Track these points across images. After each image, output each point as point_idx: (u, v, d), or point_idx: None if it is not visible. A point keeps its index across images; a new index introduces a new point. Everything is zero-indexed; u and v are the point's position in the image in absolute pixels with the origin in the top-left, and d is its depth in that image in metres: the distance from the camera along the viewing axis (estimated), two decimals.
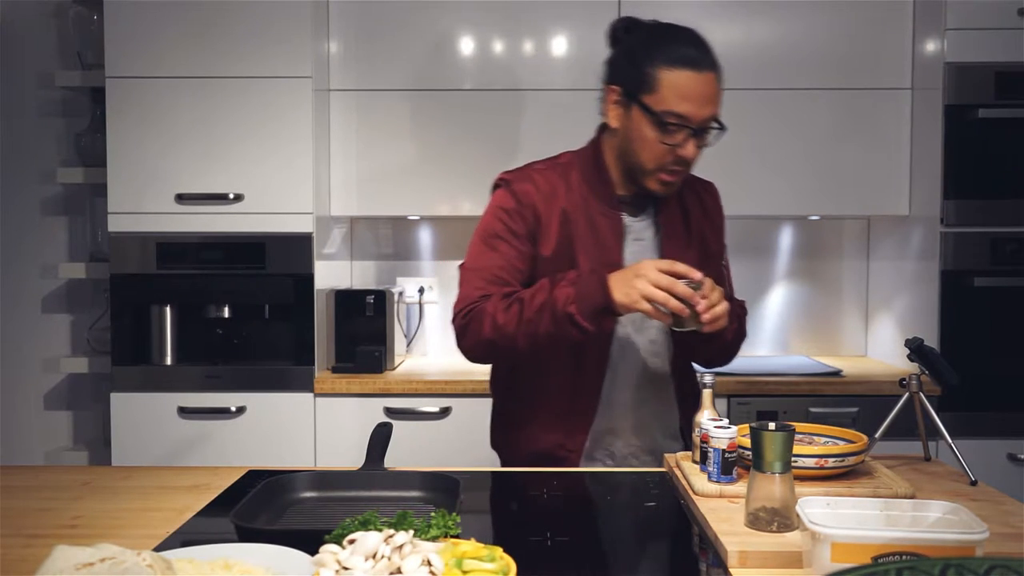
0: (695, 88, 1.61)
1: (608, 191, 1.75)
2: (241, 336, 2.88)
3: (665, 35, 1.68)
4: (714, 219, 1.86)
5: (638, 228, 1.77)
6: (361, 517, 1.19)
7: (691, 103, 1.61)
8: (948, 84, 2.72)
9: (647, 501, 1.57)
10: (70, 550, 1.01)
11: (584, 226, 1.72)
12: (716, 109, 1.65)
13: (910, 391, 1.74)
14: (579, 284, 1.59)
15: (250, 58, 2.75)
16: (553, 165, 1.79)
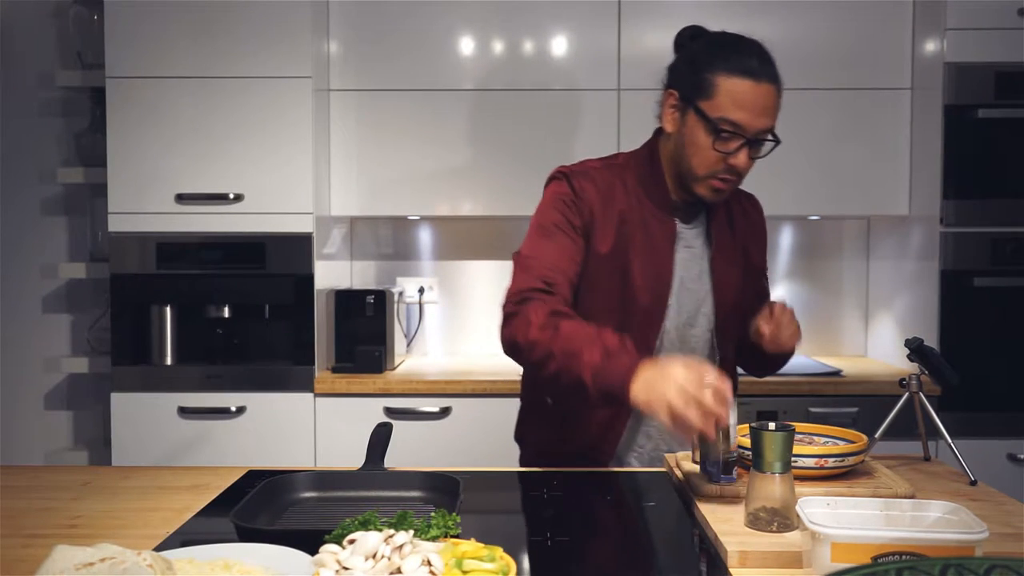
0: (752, 98, 1.59)
1: (662, 195, 1.73)
2: (241, 336, 2.88)
3: (728, 44, 1.67)
4: (757, 233, 1.86)
5: (689, 235, 1.75)
6: (361, 517, 1.19)
7: (747, 112, 1.60)
8: (948, 84, 2.72)
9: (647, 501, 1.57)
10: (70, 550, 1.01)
11: (639, 229, 1.70)
12: (772, 121, 1.63)
13: (910, 391, 1.74)
14: (609, 360, 1.46)
15: (250, 58, 2.75)
16: (609, 165, 1.77)
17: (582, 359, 1.49)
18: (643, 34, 2.93)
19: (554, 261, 1.67)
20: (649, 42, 2.94)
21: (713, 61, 1.63)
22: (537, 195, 3.08)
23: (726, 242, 1.77)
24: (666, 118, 1.72)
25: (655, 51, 2.95)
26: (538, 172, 2.97)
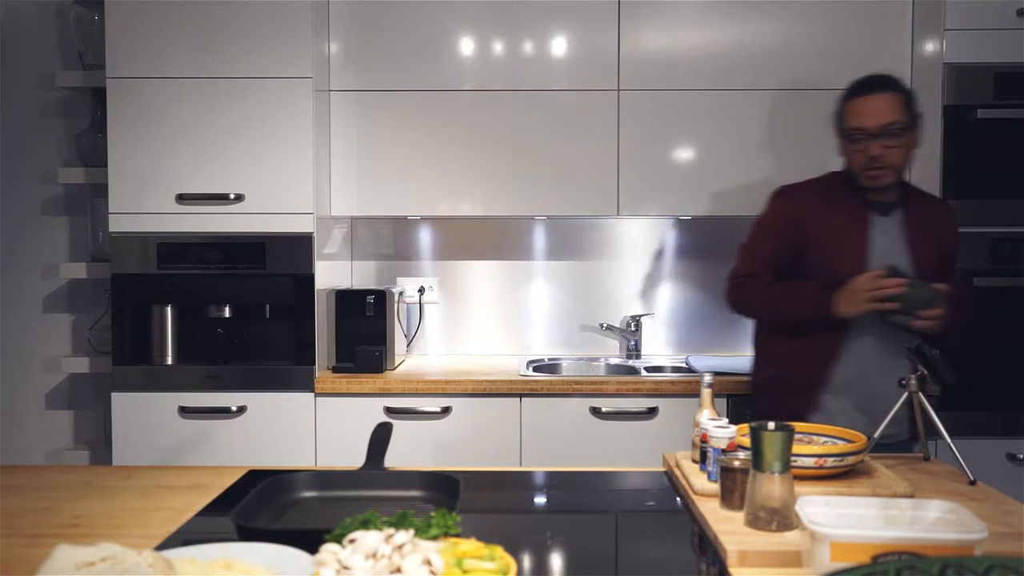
0: (864, 107, 2.17)
1: (856, 196, 2.23)
2: (242, 336, 2.88)
3: (853, 84, 2.25)
4: (947, 227, 2.27)
5: (886, 223, 2.21)
6: (361, 517, 1.19)
7: (863, 117, 2.16)
8: (947, 84, 2.72)
9: (647, 501, 1.57)
10: (71, 550, 1.02)
11: (836, 223, 2.21)
12: (892, 118, 2.13)
13: (909, 391, 1.74)
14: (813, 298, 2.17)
15: (250, 58, 2.75)
16: (816, 182, 2.34)
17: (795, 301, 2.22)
18: (643, 34, 2.94)
19: (762, 254, 2.31)
20: (649, 42, 2.94)
21: (844, 97, 2.25)
22: (537, 195, 3.08)
23: (922, 230, 2.21)
24: (839, 150, 2.29)
25: (655, 51, 2.95)
26: (538, 172, 3.00)
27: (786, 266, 2.28)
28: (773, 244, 2.30)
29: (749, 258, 2.34)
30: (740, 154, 2.94)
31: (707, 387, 1.63)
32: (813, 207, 2.27)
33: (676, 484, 1.59)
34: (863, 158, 2.17)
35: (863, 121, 2.17)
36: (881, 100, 2.18)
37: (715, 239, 3.24)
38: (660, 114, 2.94)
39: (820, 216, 2.24)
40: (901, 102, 2.18)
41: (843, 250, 2.19)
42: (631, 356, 3.19)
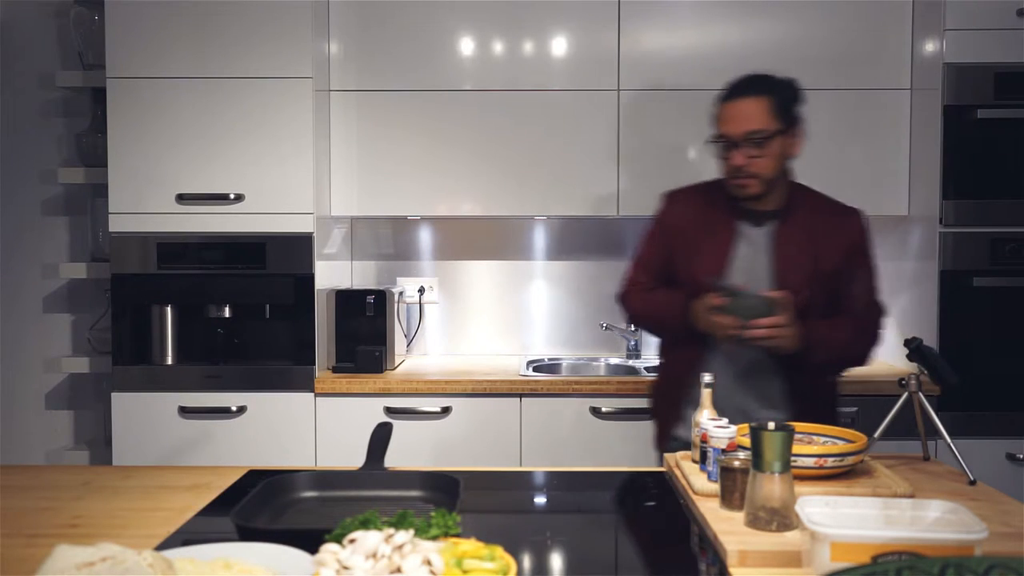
0: (729, 112, 2.06)
1: (732, 204, 2.13)
2: (241, 336, 2.88)
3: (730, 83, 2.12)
4: (837, 241, 2.09)
5: (754, 235, 2.10)
6: (361, 517, 1.19)
7: (728, 124, 2.05)
8: (947, 84, 2.72)
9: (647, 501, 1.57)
10: (71, 550, 1.02)
11: (707, 230, 2.14)
12: (755, 125, 2.02)
13: (909, 391, 1.74)
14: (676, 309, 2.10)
15: (250, 58, 2.75)
16: (702, 187, 2.25)
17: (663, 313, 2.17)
18: (643, 34, 2.94)
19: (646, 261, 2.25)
20: (649, 42, 2.94)
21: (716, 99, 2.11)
22: (537, 195, 3.09)
23: (793, 242, 2.09)
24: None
25: (655, 51, 2.95)
26: (538, 172, 2.99)
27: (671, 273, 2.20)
28: (655, 250, 2.23)
29: (636, 265, 2.28)
30: None
31: (707, 387, 1.63)
32: (689, 213, 2.19)
33: (676, 484, 1.59)
34: (728, 167, 2.08)
35: (726, 127, 2.06)
36: (746, 105, 2.06)
37: None
38: (660, 114, 2.94)
39: (692, 223, 2.16)
40: (768, 107, 2.05)
41: (705, 260, 2.10)
42: (631, 356, 3.19)
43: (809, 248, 2.07)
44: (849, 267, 2.10)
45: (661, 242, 2.22)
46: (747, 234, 2.12)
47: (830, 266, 2.07)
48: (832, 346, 2.00)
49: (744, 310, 1.91)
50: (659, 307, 2.17)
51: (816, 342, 1.96)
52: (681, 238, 2.17)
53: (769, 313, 1.90)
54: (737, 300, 1.91)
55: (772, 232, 2.10)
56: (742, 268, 2.08)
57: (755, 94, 2.07)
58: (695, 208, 2.20)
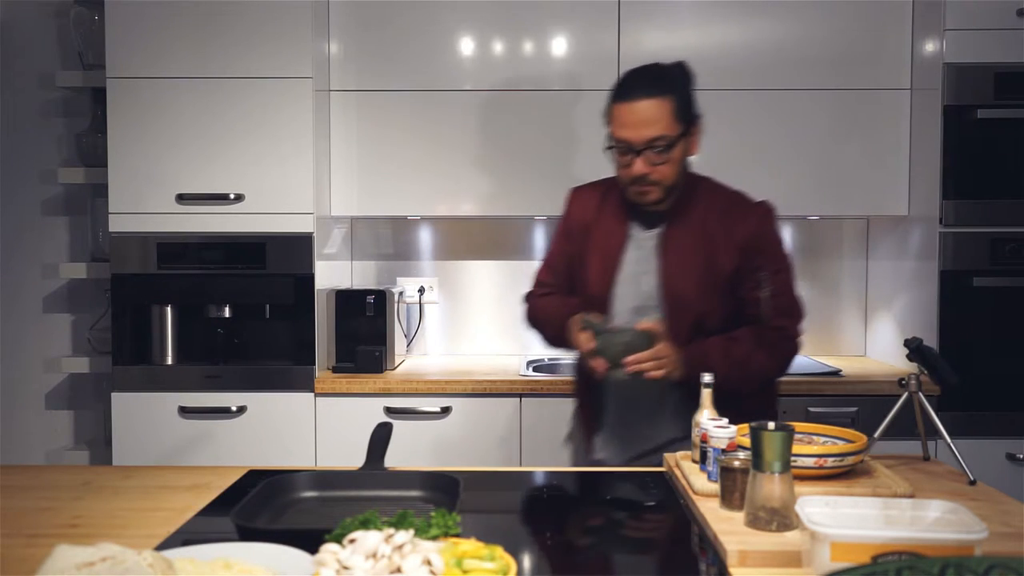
0: (627, 116, 1.87)
1: (626, 203, 2.00)
2: (241, 336, 2.88)
3: (623, 77, 1.94)
4: (735, 239, 1.93)
5: (643, 238, 1.97)
6: (361, 517, 1.19)
7: (627, 129, 1.87)
8: (947, 84, 2.72)
9: (647, 501, 1.57)
10: (71, 550, 1.02)
11: (600, 231, 2.02)
12: (658, 131, 1.85)
13: (909, 391, 1.74)
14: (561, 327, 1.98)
15: (250, 58, 2.75)
16: (602, 182, 2.11)
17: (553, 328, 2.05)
18: (643, 34, 2.94)
19: (553, 261, 2.14)
20: (649, 42, 2.94)
21: (610, 96, 1.92)
22: (537, 195, 3.09)
23: (684, 245, 1.94)
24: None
25: (655, 51, 2.95)
26: (538, 172, 2.99)
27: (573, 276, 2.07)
28: (559, 250, 2.11)
29: (543, 265, 2.16)
30: (740, 154, 2.94)
31: (707, 387, 1.63)
32: (587, 213, 2.05)
33: (676, 484, 1.59)
34: (626, 174, 1.90)
35: (625, 133, 1.87)
36: (647, 108, 1.85)
37: None
38: None
39: (588, 224, 2.03)
40: (671, 109, 1.86)
41: (593, 268, 1.98)
42: None
43: (703, 249, 1.92)
44: (748, 267, 1.91)
45: (564, 242, 2.10)
46: (637, 238, 1.98)
47: (727, 267, 1.90)
48: (731, 363, 1.84)
49: (612, 349, 1.78)
50: (546, 323, 2.07)
51: (710, 362, 1.78)
52: (578, 240, 2.04)
53: (644, 346, 1.77)
54: (604, 340, 1.79)
55: (662, 235, 1.95)
56: (629, 275, 1.96)
57: (656, 94, 1.86)
58: (592, 207, 2.05)
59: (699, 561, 1.29)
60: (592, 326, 1.81)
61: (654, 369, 1.78)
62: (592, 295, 1.98)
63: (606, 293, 1.97)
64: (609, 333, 1.80)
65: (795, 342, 1.94)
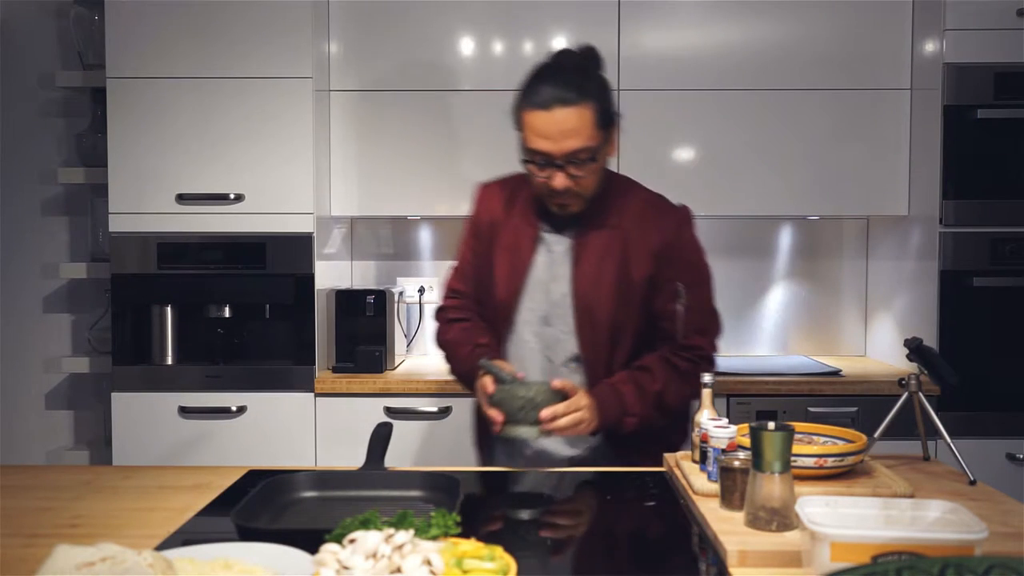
0: (548, 127, 1.71)
1: (537, 204, 1.88)
2: (241, 336, 2.88)
3: (534, 76, 1.79)
4: (650, 246, 1.82)
5: (553, 242, 1.86)
6: (361, 517, 1.19)
7: (547, 141, 1.71)
8: (947, 84, 2.72)
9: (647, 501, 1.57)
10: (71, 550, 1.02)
11: (508, 232, 1.89)
12: (581, 142, 1.72)
13: (909, 391, 1.74)
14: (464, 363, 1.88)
15: (250, 58, 2.75)
16: (510, 178, 1.98)
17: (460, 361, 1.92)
18: (643, 34, 2.94)
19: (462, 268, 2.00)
20: (649, 42, 2.94)
21: (521, 96, 1.77)
22: None
23: (596, 250, 1.82)
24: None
25: (655, 51, 2.95)
26: None
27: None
28: (467, 254, 1.96)
29: (454, 271, 2.00)
30: (740, 154, 2.94)
31: (707, 387, 1.63)
32: (495, 210, 1.91)
33: (676, 484, 1.59)
34: (545, 186, 1.76)
35: (543, 144, 1.71)
36: (567, 118, 1.70)
37: (715, 239, 3.24)
38: (660, 114, 2.94)
39: (496, 223, 1.90)
40: (592, 118, 1.72)
41: (502, 270, 1.85)
42: None
43: (617, 256, 1.81)
44: (662, 277, 1.81)
45: (472, 244, 1.96)
46: (547, 241, 1.86)
47: (640, 274, 1.80)
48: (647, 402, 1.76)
49: (513, 402, 1.64)
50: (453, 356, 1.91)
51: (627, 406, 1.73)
52: (485, 240, 1.91)
53: (549, 402, 1.65)
54: (504, 392, 1.64)
55: (574, 240, 1.83)
56: (538, 282, 1.85)
57: (576, 101, 1.71)
58: (499, 205, 1.91)
59: (699, 561, 1.29)
60: (496, 374, 1.67)
61: (570, 425, 1.67)
62: (497, 302, 1.86)
63: (512, 300, 1.85)
64: (512, 385, 1.65)
65: (710, 360, 1.84)
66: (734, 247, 3.26)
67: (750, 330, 3.28)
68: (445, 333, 1.97)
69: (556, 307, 1.84)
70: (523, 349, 1.87)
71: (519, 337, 1.88)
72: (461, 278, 1.98)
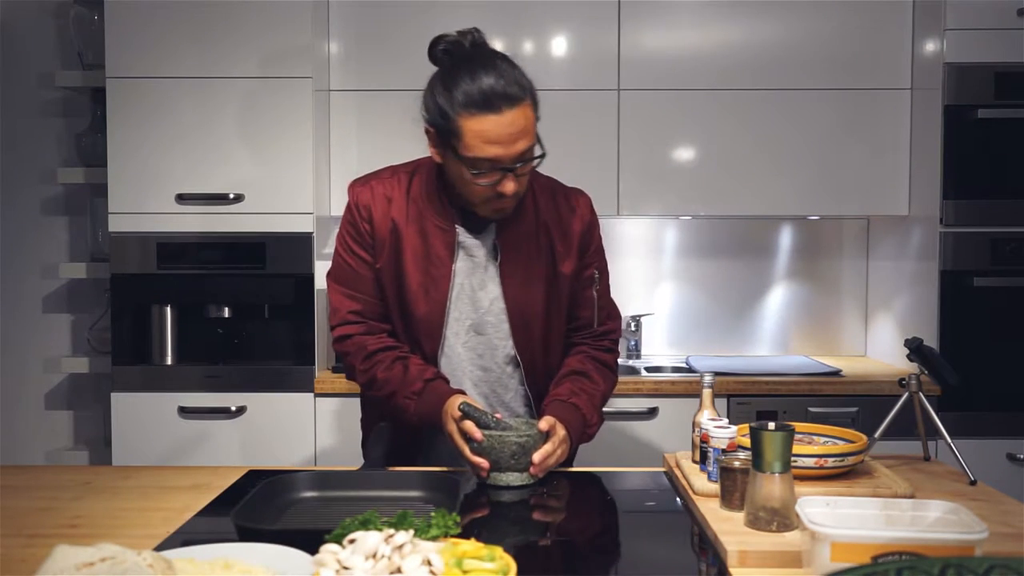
0: (498, 131, 1.57)
1: (443, 204, 1.73)
2: (241, 336, 2.88)
3: (463, 73, 1.62)
4: (568, 233, 1.77)
5: (473, 245, 1.74)
6: (361, 517, 1.19)
7: (498, 146, 1.58)
8: (948, 84, 2.72)
9: (647, 501, 1.57)
10: (71, 550, 1.01)
11: (416, 238, 1.72)
12: (528, 141, 1.61)
13: (910, 391, 1.74)
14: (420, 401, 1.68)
15: (250, 58, 2.75)
16: (396, 171, 1.81)
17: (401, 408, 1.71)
18: (643, 34, 2.93)
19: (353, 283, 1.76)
20: (649, 42, 2.94)
21: (452, 100, 1.60)
22: None
23: (522, 248, 1.74)
24: (431, 152, 1.71)
25: (655, 51, 2.95)
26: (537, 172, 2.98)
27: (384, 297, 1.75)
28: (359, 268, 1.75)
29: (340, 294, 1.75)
30: (740, 154, 2.94)
31: (707, 387, 1.63)
32: (390, 214, 1.73)
33: (676, 484, 1.59)
34: (490, 191, 1.62)
35: (496, 150, 1.57)
36: (517, 119, 1.57)
37: (715, 239, 3.25)
38: (660, 114, 2.94)
39: (395, 230, 1.72)
40: (533, 114, 1.61)
41: (418, 283, 1.70)
42: (631, 356, 3.19)
43: (545, 250, 1.74)
44: (584, 265, 1.78)
45: (363, 254, 1.75)
46: (466, 245, 1.73)
47: (569, 268, 1.75)
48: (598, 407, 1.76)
49: (505, 450, 1.57)
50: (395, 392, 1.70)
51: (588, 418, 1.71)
52: (384, 251, 1.72)
53: (539, 445, 1.59)
54: (495, 440, 1.56)
55: (496, 240, 1.73)
56: (463, 291, 1.73)
57: (522, 98, 1.59)
58: (396, 208, 1.73)
59: (699, 561, 1.29)
60: (478, 419, 1.59)
61: (556, 463, 1.63)
62: (418, 317, 1.72)
63: (436, 314, 1.71)
64: (500, 431, 1.58)
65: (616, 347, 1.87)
66: (734, 247, 3.26)
67: (750, 330, 3.28)
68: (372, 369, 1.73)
69: (486, 314, 1.74)
70: (455, 361, 1.76)
71: (450, 350, 1.76)
72: (354, 300, 1.76)
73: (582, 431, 1.72)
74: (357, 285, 1.75)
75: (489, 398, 1.80)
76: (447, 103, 1.62)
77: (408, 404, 1.69)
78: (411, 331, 1.75)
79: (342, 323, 1.76)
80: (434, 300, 1.71)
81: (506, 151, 1.58)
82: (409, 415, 1.70)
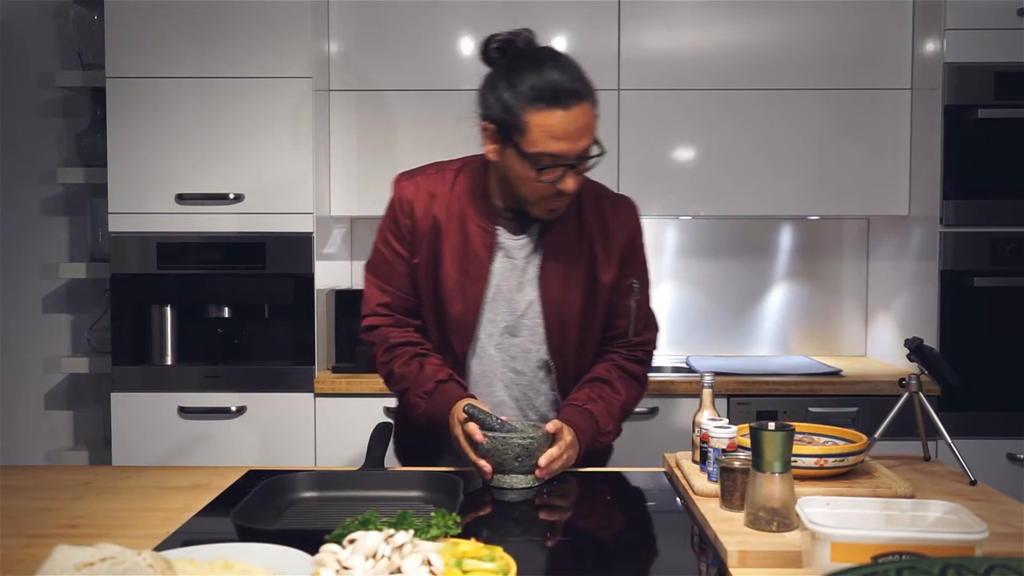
0: (565, 126, 1.56)
1: (486, 203, 1.72)
2: (241, 336, 2.88)
3: (529, 68, 1.61)
4: (611, 241, 1.75)
5: (513, 247, 1.73)
6: (361, 517, 1.19)
7: (564, 142, 1.57)
8: (948, 84, 2.72)
9: (647, 501, 1.57)
10: (70, 550, 1.01)
11: (456, 236, 1.71)
12: (591, 138, 1.61)
13: (910, 391, 1.74)
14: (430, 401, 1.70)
15: (250, 58, 2.75)
16: (442, 168, 1.79)
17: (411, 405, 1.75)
18: (643, 34, 2.93)
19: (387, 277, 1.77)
20: (649, 42, 2.94)
21: (518, 93, 1.58)
22: None
23: (564, 252, 1.72)
24: (487, 149, 1.69)
25: (655, 51, 2.95)
26: None
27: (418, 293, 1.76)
28: (394, 261, 1.75)
29: (375, 287, 1.77)
30: (740, 154, 2.94)
31: (707, 387, 1.63)
32: (432, 210, 1.71)
33: (676, 484, 1.59)
34: (549, 189, 1.61)
35: (561, 146, 1.56)
36: (584, 114, 1.58)
37: (715, 239, 3.25)
38: (660, 114, 2.94)
39: (436, 226, 1.70)
40: (595, 111, 1.61)
41: (455, 281, 1.69)
42: None
43: (586, 256, 1.72)
44: (624, 275, 1.76)
45: (401, 249, 1.74)
46: (506, 246, 1.72)
47: (608, 276, 1.73)
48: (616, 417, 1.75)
49: (509, 452, 1.57)
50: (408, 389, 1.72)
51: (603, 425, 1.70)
52: (423, 247, 1.72)
53: (545, 447, 1.59)
54: (499, 442, 1.57)
55: (534, 244, 1.72)
56: (501, 292, 1.72)
57: (587, 94, 1.59)
58: (439, 204, 1.71)
59: (699, 561, 1.29)
60: (483, 421, 1.59)
61: (562, 466, 1.62)
62: (452, 316, 1.71)
63: (471, 314, 1.71)
64: (505, 433, 1.58)
65: (652, 356, 1.87)
66: (734, 247, 3.26)
67: (750, 330, 3.28)
68: (391, 363, 1.75)
69: (522, 317, 1.73)
70: (486, 363, 1.76)
71: (482, 351, 1.75)
72: (386, 293, 1.76)
73: (594, 438, 1.70)
74: (390, 279, 1.76)
75: (520, 401, 1.80)
76: (512, 97, 1.59)
77: (418, 403, 1.71)
78: (443, 329, 1.74)
79: (370, 314, 1.78)
80: (469, 299, 1.71)
81: (571, 147, 1.57)
82: (418, 414, 1.72)
